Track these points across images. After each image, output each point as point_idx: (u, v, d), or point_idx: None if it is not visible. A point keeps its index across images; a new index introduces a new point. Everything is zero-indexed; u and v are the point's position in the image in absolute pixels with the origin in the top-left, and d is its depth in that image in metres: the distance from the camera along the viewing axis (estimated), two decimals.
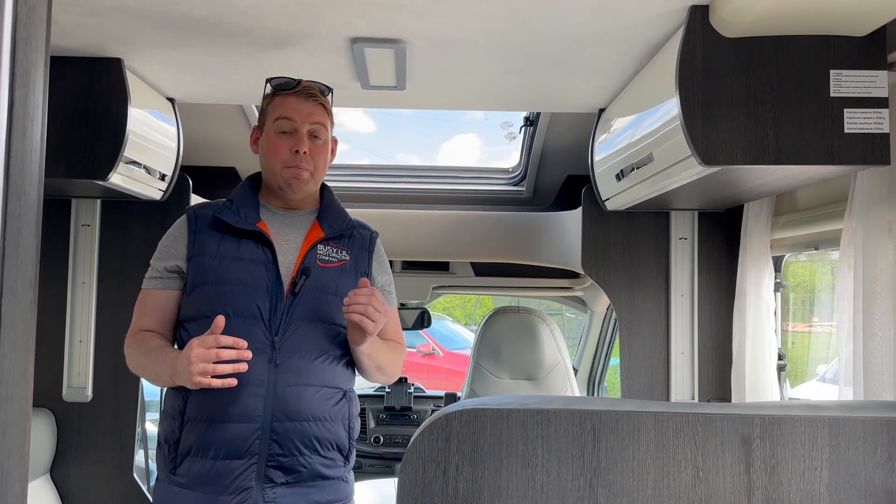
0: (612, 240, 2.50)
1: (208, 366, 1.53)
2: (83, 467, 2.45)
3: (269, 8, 1.58)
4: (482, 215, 3.18)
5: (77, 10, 1.63)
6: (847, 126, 1.52)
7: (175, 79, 2.12)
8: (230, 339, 1.55)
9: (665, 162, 1.74)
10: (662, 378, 2.46)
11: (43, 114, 0.53)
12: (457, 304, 14.12)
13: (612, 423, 1.11)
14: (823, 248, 2.01)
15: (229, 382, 1.55)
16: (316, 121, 1.77)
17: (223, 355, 1.54)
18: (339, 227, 1.82)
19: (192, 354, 1.53)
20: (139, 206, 2.46)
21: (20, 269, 0.50)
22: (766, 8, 1.42)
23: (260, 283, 1.69)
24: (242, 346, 1.56)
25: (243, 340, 1.57)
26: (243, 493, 1.64)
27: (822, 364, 3.57)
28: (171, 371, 1.60)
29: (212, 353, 1.53)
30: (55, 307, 2.46)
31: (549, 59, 1.88)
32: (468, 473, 1.10)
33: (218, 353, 1.54)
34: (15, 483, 0.50)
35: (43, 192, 0.53)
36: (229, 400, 1.63)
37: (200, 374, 1.53)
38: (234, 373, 1.55)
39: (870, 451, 1.10)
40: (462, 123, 25.78)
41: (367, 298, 1.60)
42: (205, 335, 1.56)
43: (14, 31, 0.49)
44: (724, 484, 1.10)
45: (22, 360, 0.51)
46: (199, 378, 1.53)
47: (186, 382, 1.56)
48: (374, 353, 1.74)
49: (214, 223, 1.76)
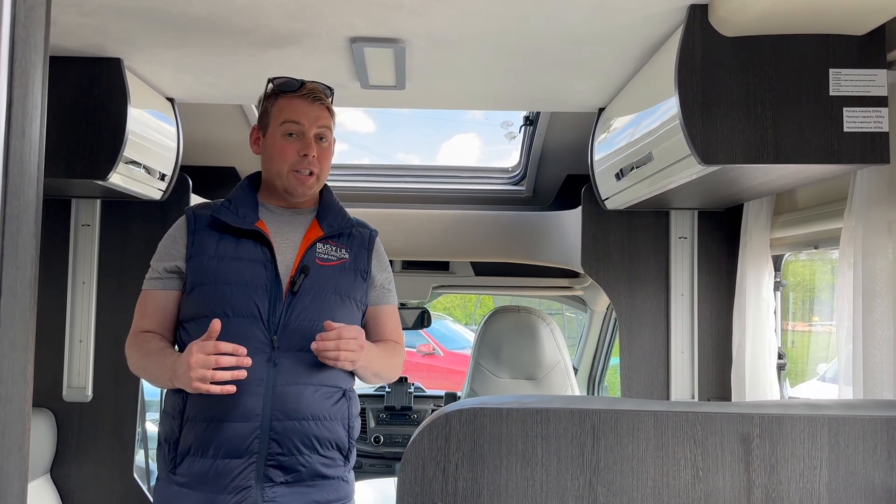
0: (612, 239, 2.50)
1: (207, 372, 1.53)
2: (83, 467, 2.45)
3: (268, 7, 1.58)
4: (482, 215, 3.18)
5: (76, 9, 1.63)
6: (846, 125, 1.52)
7: (175, 79, 2.12)
8: (230, 346, 1.55)
9: (664, 161, 1.74)
10: (662, 377, 2.46)
11: (42, 113, 0.53)
12: (457, 303, 14.12)
13: (611, 423, 1.11)
14: (823, 248, 2.01)
15: (228, 389, 1.55)
16: (323, 124, 1.78)
17: (222, 362, 1.54)
18: (339, 226, 1.82)
19: (192, 360, 1.53)
20: (139, 206, 2.46)
21: (19, 268, 0.50)
22: (766, 7, 1.42)
23: (259, 283, 1.69)
24: (242, 352, 1.56)
25: (242, 347, 1.57)
26: (243, 493, 1.64)
27: (822, 363, 3.57)
28: (171, 374, 1.60)
29: (211, 359, 1.53)
30: (55, 307, 2.46)
31: (548, 59, 1.88)
32: (468, 472, 1.10)
33: (217, 360, 1.54)
34: (15, 483, 0.50)
35: (42, 191, 0.53)
36: (229, 399, 1.63)
37: (199, 381, 1.53)
38: (232, 380, 1.55)
39: (869, 450, 1.10)
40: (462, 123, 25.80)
41: (335, 344, 1.61)
42: (204, 341, 1.56)
43: (13, 31, 0.49)
44: (723, 483, 1.10)
45: (21, 359, 0.51)
46: (199, 384, 1.53)
47: (186, 387, 1.57)
48: (369, 363, 1.74)
49: (213, 223, 1.76)
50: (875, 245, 1.58)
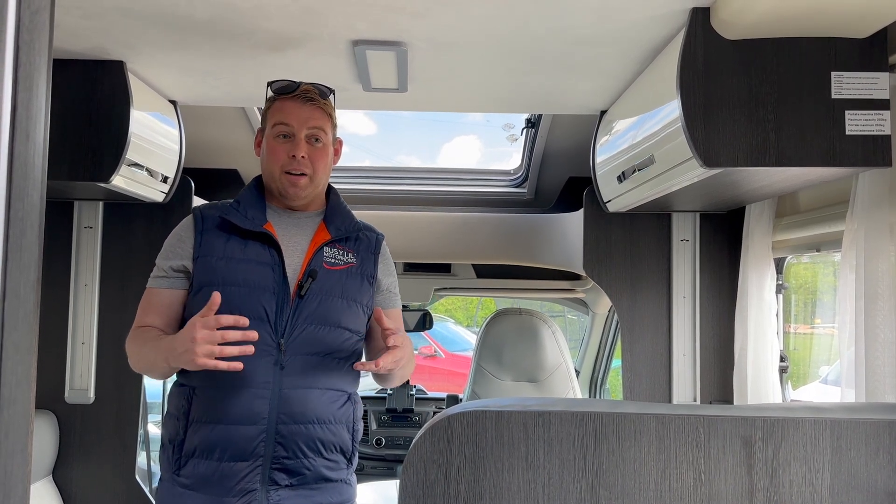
0: (614, 241, 2.50)
1: (214, 348, 1.49)
2: (86, 469, 2.45)
3: (270, 10, 1.58)
4: (484, 217, 3.18)
5: (79, 12, 1.63)
6: (848, 128, 1.52)
7: (177, 81, 2.12)
8: (231, 318, 1.51)
9: (666, 164, 1.74)
10: (664, 380, 2.46)
11: (46, 116, 0.53)
12: (458, 305, 14.12)
13: (613, 425, 1.10)
14: (825, 250, 2.01)
15: (235, 366, 1.51)
16: (314, 125, 1.76)
17: (228, 336, 1.50)
18: (346, 230, 1.82)
19: (198, 336, 1.49)
20: (141, 209, 2.47)
21: (23, 271, 0.50)
22: (767, 10, 1.42)
23: (266, 285, 1.69)
24: (244, 323, 1.52)
25: (244, 318, 1.53)
26: (248, 496, 1.64)
27: (824, 366, 3.57)
28: (167, 353, 1.56)
29: (217, 335, 1.49)
30: (58, 309, 2.46)
31: (550, 61, 1.88)
32: (470, 475, 1.10)
33: (223, 335, 1.50)
34: (17, 485, 0.50)
35: (46, 194, 0.53)
36: (234, 402, 1.63)
37: (206, 356, 1.48)
38: (240, 355, 1.51)
39: (871, 454, 1.09)
40: (462, 125, 25.80)
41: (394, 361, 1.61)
42: (205, 315, 1.51)
43: (17, 35, 0.49)
44: (725, 486, 1.10)
45: (25, 361, 0.51)
46: (205, 360, 1.48)
47: (188, 364, 1.51)
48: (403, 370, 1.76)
49: (221, 224, 1.76)
50: (877, 248, 1.58)
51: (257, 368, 1.60)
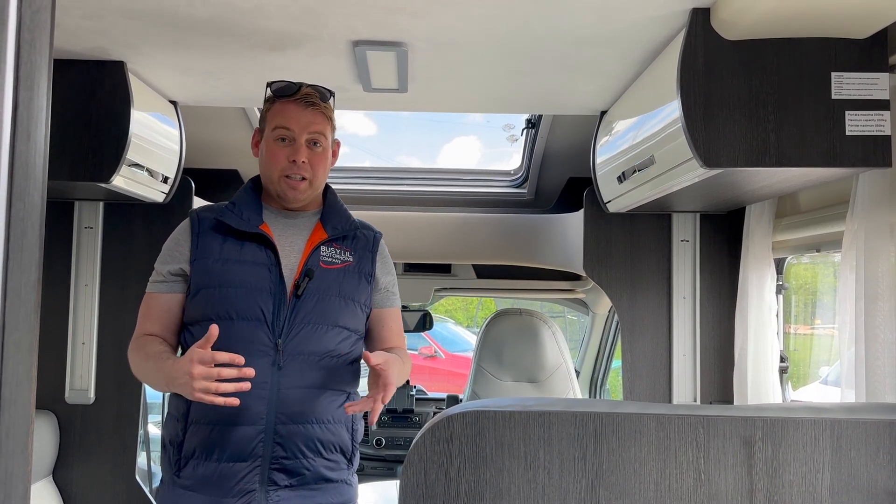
0: (614, 242, 2.50)
1: (211, 385, 1.50)
2: (86, 469, 2.45)
3: (270, 10, 1.58)
4: (484, 217, 3.18)
5: (80, 12, 1.63)
6: (848, 128, 1.52)
7: (177, 81, 2.12)
8: (226, 356, 1.52)
9: (667, 164, 1.74)
10: (664, 380, 2.46)
11: (46, 117, 0.53)
12: (459, 306, 14.11)
13: (613, 426, 1.11)
14: (825, 251, 2.01)
15: (231, 402, 1.52)
16: (315, 130, 1.75)
17: (224, 374, 1.51)
18: (343, 228, 1.82)
19: (194, 371, 1.50)
20: (142, 209, 2.47)
21: (24, 271, 0.50)
22: (768, 10, 1.42)
23: (263, 286, 1.69)
24: (240, 362, 1.53)
25: (240, 357, 1.53)
26: (247, 496, 1.64)
27: (824, 366, 3.57)
28: (168, 380, 1.57)
29: (213, 371, 1.50)
30: (58, 309, 2.46)
31: (550, 61, 1.88)
32: (470, 475, 1.10)
33: (220, 372, 1.51)
34: (18, 485, 0.50)
35: (46, 194, 0.53)
36: None
37: (203, 393, 1.50)
38: (235, 392, 1.52)
39: (871, 454, 1.09)
40: (462, 126, 25.80)
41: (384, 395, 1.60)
42: (202, 349, 1.52)
43: (18, 35, 0.49)
44: (725, 486, 1.10)
45: (25, 362, 0.51)
46: (201, 395, 1.50)
47: (186, 395, 1.54)
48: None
49: (217, 226, 1.75)
50: (877, 248, 1.58)
51: (255, 369, 1.60)
